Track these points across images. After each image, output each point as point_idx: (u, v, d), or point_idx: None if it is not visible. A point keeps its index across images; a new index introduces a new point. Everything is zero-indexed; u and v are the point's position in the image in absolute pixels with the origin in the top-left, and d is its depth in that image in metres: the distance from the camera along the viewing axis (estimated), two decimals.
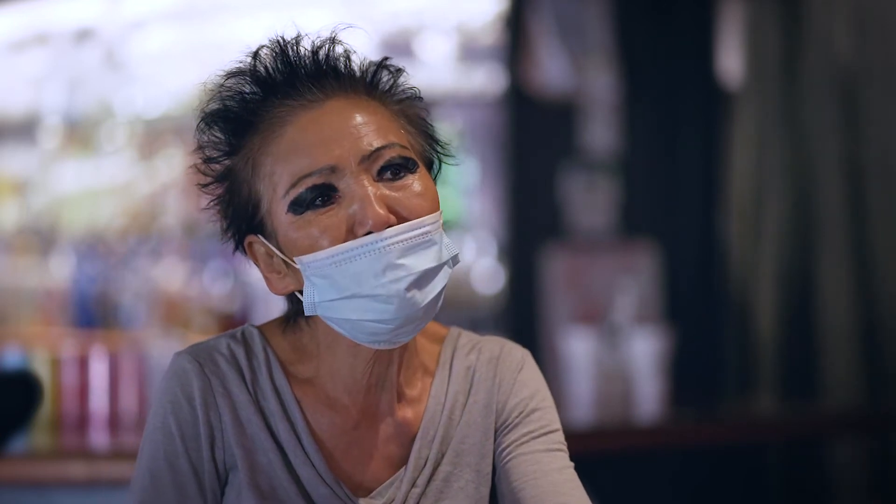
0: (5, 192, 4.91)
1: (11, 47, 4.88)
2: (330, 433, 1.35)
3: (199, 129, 1.36)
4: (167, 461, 1.32)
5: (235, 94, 1.33)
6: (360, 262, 1.26)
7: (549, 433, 1.41)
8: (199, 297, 4.25)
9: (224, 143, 1.34)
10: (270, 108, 1.31)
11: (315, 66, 1.32)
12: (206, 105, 1.35)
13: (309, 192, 1.28)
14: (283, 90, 1.31)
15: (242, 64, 1.34)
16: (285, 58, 1.33)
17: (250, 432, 1.34)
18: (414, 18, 4.38)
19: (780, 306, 3.83)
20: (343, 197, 1.28)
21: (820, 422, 3.52)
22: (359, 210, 1.27)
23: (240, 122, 1.33)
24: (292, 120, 1.30)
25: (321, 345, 1.36)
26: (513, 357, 1.45)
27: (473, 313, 4.16)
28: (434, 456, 1.38)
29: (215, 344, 1.37)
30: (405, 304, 1.27)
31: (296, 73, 1.32)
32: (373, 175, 1.29)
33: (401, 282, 1.26)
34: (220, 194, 1.35)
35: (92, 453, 2.67)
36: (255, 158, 1.32)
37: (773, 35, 3.87)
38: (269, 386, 1.35)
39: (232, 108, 1.33)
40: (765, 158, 3.89)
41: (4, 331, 4.46)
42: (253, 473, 1.33)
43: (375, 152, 1.29)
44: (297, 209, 1.28)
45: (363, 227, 1.26)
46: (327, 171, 1.28)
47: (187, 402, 1.33)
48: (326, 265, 1.27)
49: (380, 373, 1.36)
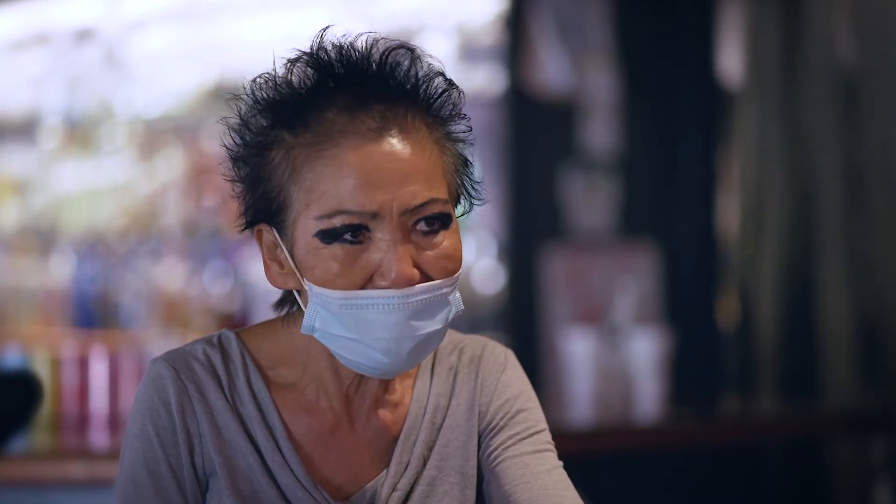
0: (5, 192, 4.91)
1: (11, 47, 4.88)
2: (308, 437, 1.34)
3: (245, 102, 1.29)
4: (147, 468, 1.31)
5: (295, 81, 1.28)
6: (370, 312, 1.25)
7: (536, 434, 1.38)
8: (199, 297, 4.25)
9: (266, 129, 1.28)
10: (327, 116, 1.26)
11: (381, 80, 1.27)
12: (260, 79, 1.29)
13: (343, 228, 1.25)
14: (346, 97, 1.26)
15: (308, 52, 1.28)
16: (353, 59, 1.27)
17: (228, 437, 1.32)
18: (414, 18, 4.37)
19: (780, 306, 3.83)
20: (373, 242, 1.25)
21: (820, 422, 3.52)
22: (385, 263, 1.24)
23: (291, 118, 1.27)
24: (346, 144, 1.25)
25: (302, 353, 1.35)
26: (495, 357, 1.42)
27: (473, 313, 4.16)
28: (416, 459, 1.36)
29: (191, 349, 1.35)
30: (401, 359, 1.27)
31: (360, 87, 1.26)
32: (409, 224, 1.26)
33: (405, 342, 1.26)
34: (247, 177, 1.30)
35: (92, 453, 2.67)
36: (297, 165, 1.26)
37: (773, 35, 3.87)
38: (247, 391, 1.34)
39: (288, 97, 1.28)
40: (765, 158, 3.89)
41: (4, 331, 4.46)
42: (233, 479, 1.32)
43: (419, 207, 1.26)
44: (326, 239, 1.25)
45: (384, 279, 1.25)
46: (368, 216, 1.24)
47: (164, 409, 1.32)
48: (336, 304, 1.26)
49: (359, 382, 1.35)
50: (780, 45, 3.86)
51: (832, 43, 3.74)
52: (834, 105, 3.73)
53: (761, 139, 3.90)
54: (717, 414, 3.60)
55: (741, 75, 3.99)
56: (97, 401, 2.99)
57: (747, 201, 3.93)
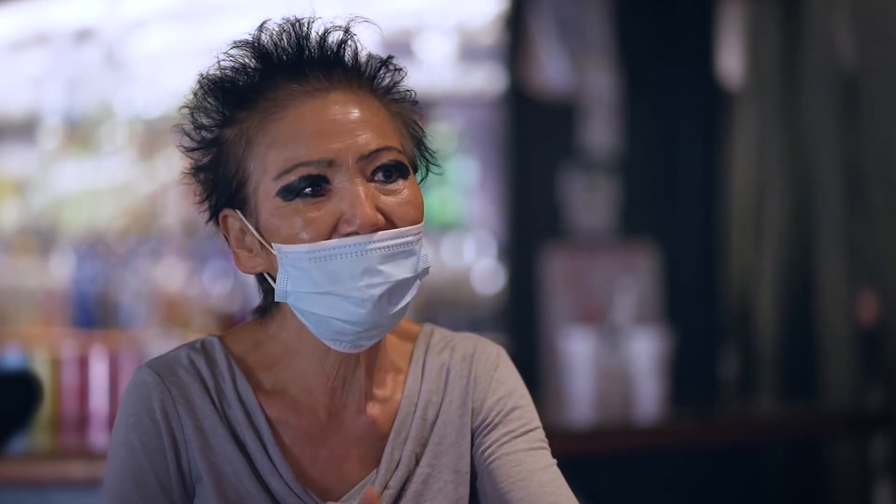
0: (5, 192, 4.91)
1: (11, 47, 4.88)
2: (296, 439, 1.33)
3: (196, 94, 1.32)
4: (133, 477, 1.30)
5: (239, 66, 1.31)
6: (339, 262, 1.25)
7: (530, 431, 1.38)
8: (199, 297, 4.25)
9: (219, 112, 1.32)
10: (274, 88, 1.29)
11: (322, 52, 1.31)
12: (208, 71, 1.32)
13: (301, 181, 1.26)
14: (290, 71, 1.30)
15: (250, 37, 1.32)
16: (294, 38, 1.31)
17: (215, 443, 1.32)
18: (414, 18, 4.38)
19: (780, 306, 3.83)
20: (334, 191, 1.27)
21: (820, 422, 3.52)
22: (348, 209, 1.26)
23: (240, 95, 1.31)
24: (295, 105, 1.28)
25: (287, 348, 1.35)
26: (488, 355, 1.42)
27: (473, 313, 4.16)
28: (407, 457, 1.35)
29: (175, 356, 1.35)
30: (376, 310, 1.26)
31: (303, 56, 1.31)
32: (367, 175, 1.28)
33: (376, 288, 1.25)
34: (205, 163, 1.33)
35: (92, 453, 2.67)
36: (251, 136, 1.29)
37: (773, 35, 3.87)
38: (234, 395, 1.33)
39: (235, 79, 1.31)
40: (765, 158, 3.89)
41: (4, 331, 4.46)
42: (220, 485, 1.31)
43: (374, 153, 1.28)
44: (287, 195, 1.27)
45: (349, 225, 1.26)
46: (324, 164, 1.26)
47: (148, 416, 1.31)
48: (305, 259, 1.26)
49: (346, 375, 1.34)
50: (780, 45, 3.86)
51: (832, 43, 3.74)
52: (834, 105, 3.73)
53: (761, 139, 3.90)
54: (717, 414, 3.60)
55: (741, 75, 3.99)
56: (97, 401, 2.99)
57: (747, 201, 3.93)
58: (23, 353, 3.18)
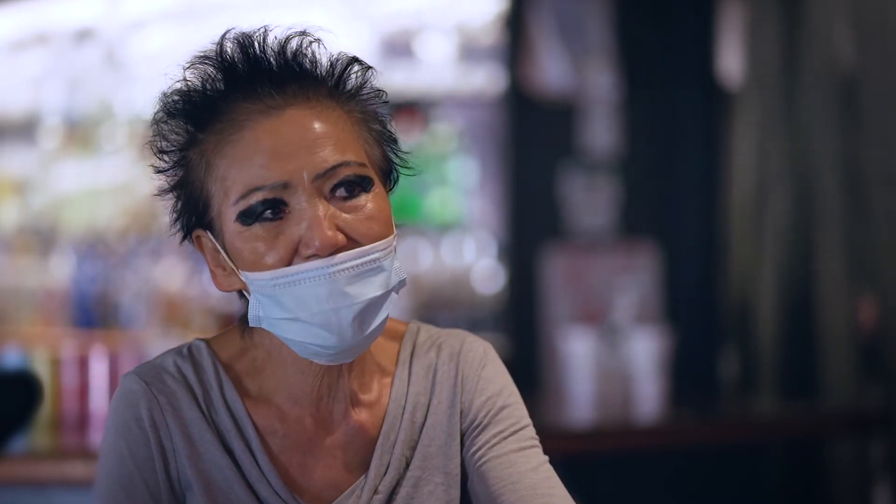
0: (5, 192, 4.91)
1: (11, 47, 4.87)
2: (284, 446, 1.32)
3: (158, 117, 1.32)
4: (122, 485, 1.30)
5: (196, 86, 1.29)
6: (303, 287, 1.23)
7: (520, 430, 1.37)
8: (199, 297, 4.25)
9: (179, 133, 1.30)
10: (230, 108, 1.27)
11: (279, 64, 1.28)
12: (168, 93, 1.31)
13: (259, 205, 1.24)
14: (243, 90, 1.27)
15: (207, 54, 1.30)
16: (246, 55, 1.28)
17: (203, 450, 1.31)
18: (414, 18, 4.38)
19: (780, 306, 3.83)
20: (293, 214, 1.24)
21: (820, 422, 3.52)
22: (306, 231, 1.23)
23: (197, 116, 1.28)
24: (250, 125, 1.25)
25: (270, 357, 1.33)
26: (474, 353, 1.40)
27: (473, 313, 4.16)
28: (396, 461, 1.34)
29: (162, 362, 1.34)
30: (347, 334, 1.24)
31: (258, 71, 1.28)
32: (325, 193, 1.25)
33: (344, 310, 1.23)
34: (173, 184, 1.32)
35: (92, 453, 2.66)
36: (209, 158, 1.27)
37: (773, 35, 3.87)
38: (221, 402, 1.32)
39: (192, 100, 1.29)
40: (765, 158, 3.89)
41: (4, 331, 4.46)
42: (210, 492, 1.30)
43: (330, 170, 1.24)
44: (246, 220, 1.24)
45: (308, 248, 1.23)
46: (279, 187, 1.23)
47: (136, 424, 1.30)
48: (269, 285, 1.24)
49: (331, 383, 1.33)
50: (780, 45, 3.86)
51: (832, 43, 3.73)
52: (834, 105, 3.72)
53: (761, 139, 3.90)
54: (717, 414, 3.60)
55: (741, 75, 3.99)
56: (97, 401, 2.99)
57: (747, 201, 3.93)
58: (23, 353, 3.18)
